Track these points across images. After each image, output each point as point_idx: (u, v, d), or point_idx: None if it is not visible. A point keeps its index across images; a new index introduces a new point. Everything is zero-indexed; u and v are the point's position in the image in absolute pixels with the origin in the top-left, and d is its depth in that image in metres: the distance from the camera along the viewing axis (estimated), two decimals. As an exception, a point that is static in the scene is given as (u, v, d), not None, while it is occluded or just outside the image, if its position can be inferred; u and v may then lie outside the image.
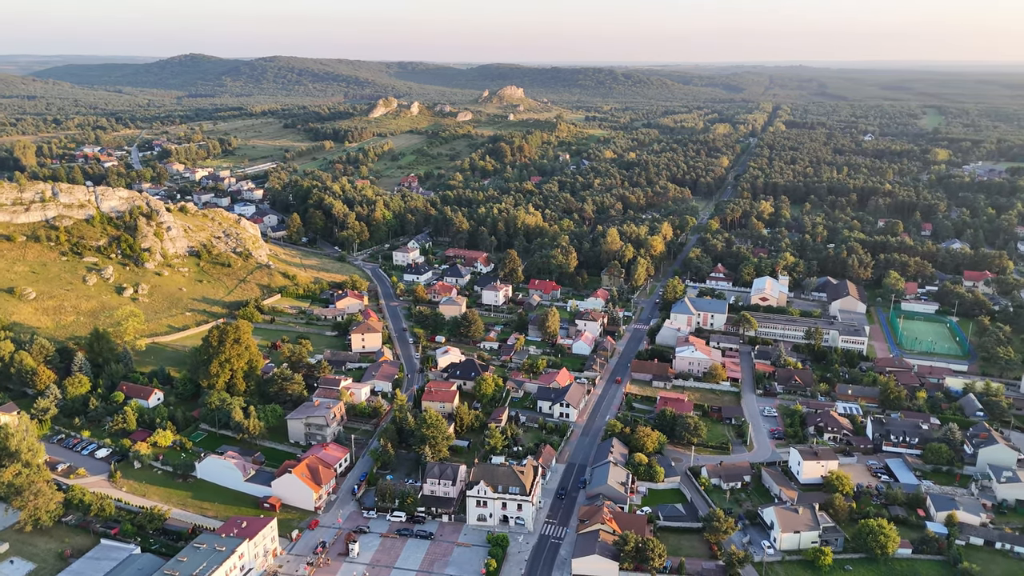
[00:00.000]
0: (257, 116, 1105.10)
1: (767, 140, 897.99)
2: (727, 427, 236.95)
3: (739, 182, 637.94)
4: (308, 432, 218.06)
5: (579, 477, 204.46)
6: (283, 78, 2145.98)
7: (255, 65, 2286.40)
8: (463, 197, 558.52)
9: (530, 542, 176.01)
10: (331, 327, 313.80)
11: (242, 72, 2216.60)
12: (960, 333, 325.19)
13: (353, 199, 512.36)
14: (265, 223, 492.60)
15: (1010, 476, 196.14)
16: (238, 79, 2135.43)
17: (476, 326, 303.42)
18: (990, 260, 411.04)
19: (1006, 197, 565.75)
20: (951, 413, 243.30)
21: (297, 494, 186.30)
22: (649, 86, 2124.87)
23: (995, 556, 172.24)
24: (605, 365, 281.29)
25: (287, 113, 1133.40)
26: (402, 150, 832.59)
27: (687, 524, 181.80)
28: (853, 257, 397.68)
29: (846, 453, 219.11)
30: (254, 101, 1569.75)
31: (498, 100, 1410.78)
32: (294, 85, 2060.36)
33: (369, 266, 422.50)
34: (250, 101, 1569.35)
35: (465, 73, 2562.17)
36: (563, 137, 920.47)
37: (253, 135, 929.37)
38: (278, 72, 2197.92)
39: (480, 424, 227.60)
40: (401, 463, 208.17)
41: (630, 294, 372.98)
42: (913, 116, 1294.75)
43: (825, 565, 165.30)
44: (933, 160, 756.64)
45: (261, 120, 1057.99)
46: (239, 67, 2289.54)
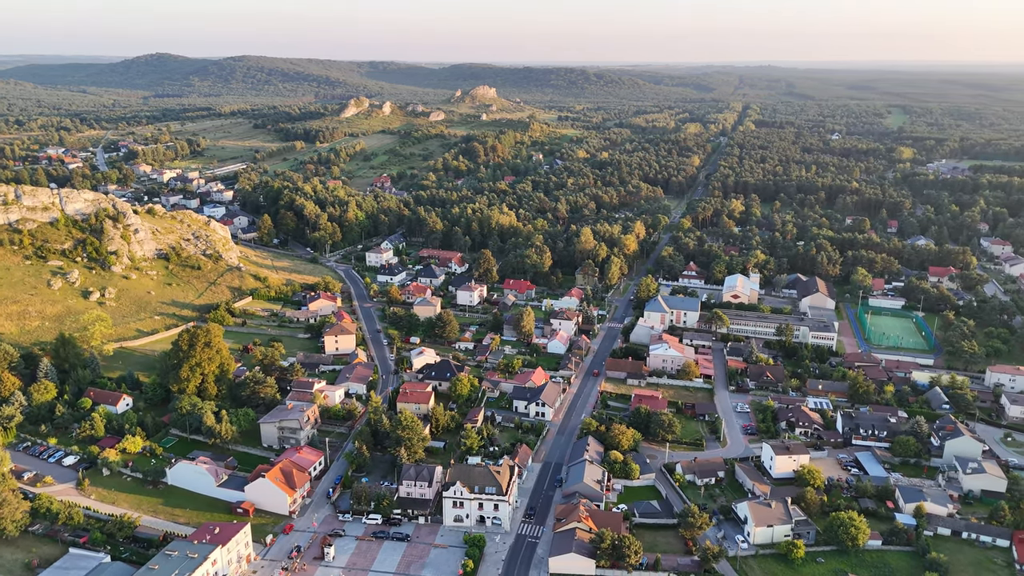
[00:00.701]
0: (226, 116, 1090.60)
1: (737, 139, 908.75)
2: (701, 423, 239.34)
3: (710, 181, 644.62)
4: (281, 436, 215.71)
5: (555, 476, 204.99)
6: (252, 78, 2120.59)
7: (223, 65, 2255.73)
8: (436, 197, 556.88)
9: (507, 542, 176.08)
10: (304, 329, 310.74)
11: (210, 72, 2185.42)
12: (926, 328, 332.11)
13: (325, 200, 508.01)
14: (235, 225, 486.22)
15: (975, 467, 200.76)
16: (206, 79, 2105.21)
17: (451, 327, 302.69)
18: (954, 256, 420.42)
19: (969, 194, 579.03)
20: (918, 406, 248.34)
21: (271, 498, 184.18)
22: (621, 86, 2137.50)
23: (962, 546, 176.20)
24: (580, 364, 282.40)
25: (257, 113, 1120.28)
26: (374, 150, 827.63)
27: (662, 520, 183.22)
28: (822, 254, 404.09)
29: (817, 447, 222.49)
30: (223, 101, 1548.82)
31: (471, 100, 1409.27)
32: (264, 85, 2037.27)
33: (342, 267, 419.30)
34: (219, 101, 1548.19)
35: (437, 73, 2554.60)
36: (536, 137, 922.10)
37: (222, 136, 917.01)
38: (247, 72, 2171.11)
39: (456, 425, 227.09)
40: (376, 465, 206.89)
41: (604, 293, 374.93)
42: (879, 115, 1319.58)
43: (798, 558, 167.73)
44: (898, 158, 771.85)
45: (230, 120, 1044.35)
46: (207, 67, 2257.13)
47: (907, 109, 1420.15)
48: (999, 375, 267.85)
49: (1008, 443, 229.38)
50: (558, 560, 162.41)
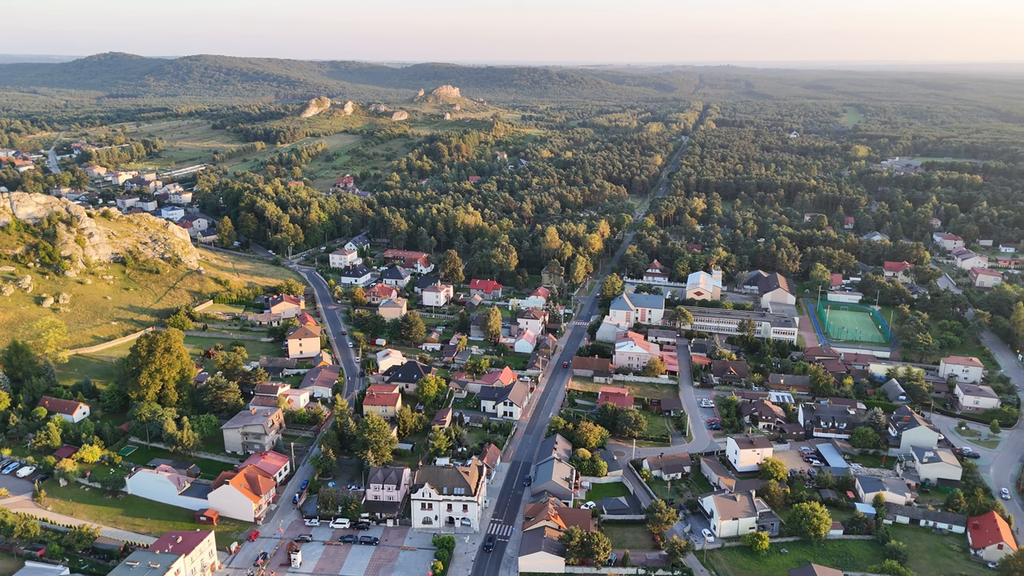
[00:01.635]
0: (184, 117, 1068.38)
1: (698, 138, 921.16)
2: (667, 419, 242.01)
3: (672, 180, 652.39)
4: (245, 441, 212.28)
5: (524, 475, 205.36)
6: (210, 77, 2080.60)
7: (180, 64, 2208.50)
8: (401, 198, 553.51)
9: (476, 542, 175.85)
10: (267, 333, 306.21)
11: (166, 71, 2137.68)
12: (882, 321, 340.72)
13: (287, 201, 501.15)
14: (195, 227, 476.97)
15: (932, 456, 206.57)
16: (162, 78, 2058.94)
17: (417, 328, 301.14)
18: (908, 251, 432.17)
19: (921, 191, 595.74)
20: (876, 398, 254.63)
21: (235, 505, 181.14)
22: (583, 86, 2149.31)
23: (920, 533, 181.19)
24: (547, 363, 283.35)
25: (215, 113, 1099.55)
26: (337, 150, 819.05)
27: (630, 516, 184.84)
28: (782, 251, 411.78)
29: (780, 440, 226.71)
30: (180, 101, 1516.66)
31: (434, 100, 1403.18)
32: (222, 85, 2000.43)
33: (305, 269, 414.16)
34: (175, 101, 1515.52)
35: (400, 72, 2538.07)
36: (500, 137, 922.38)
37: (180, 136, 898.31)
38: (205, 71, 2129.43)
39: (424, 426, 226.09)
40: (343, 469, 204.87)
41: (570, 292, 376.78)
42: (834, 114, 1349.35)
43: (762, 549, 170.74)
44: (854, 156, 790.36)
45: (188, 121, 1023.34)
46: (163, 66, 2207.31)
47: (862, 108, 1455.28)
48: (952, 366, 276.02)
49: (962, 432, 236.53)
50: (528, 559, 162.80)
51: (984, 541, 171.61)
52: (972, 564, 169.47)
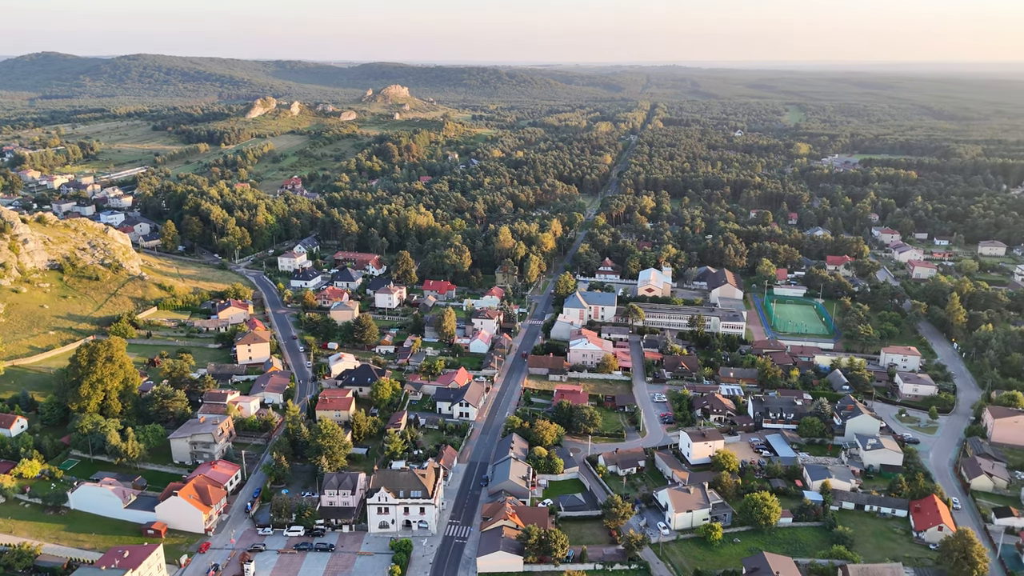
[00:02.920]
0: (122, 118, 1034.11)
1: (647, 137, 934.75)
2: (621, 415, 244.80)
3: (622, 178, 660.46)
4: (194, 451, 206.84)
5: (481, 475, 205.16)
6: (149, 77, 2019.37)
7: (117, 64, 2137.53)
8: (351, 198, 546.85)
9: (434, 544, 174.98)
10: (214, 339, 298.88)
11: (103, 71, 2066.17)
12: (826, 314, 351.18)
13: (233, 204, 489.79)
14: (136, 232, 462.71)
15: (874, 443, 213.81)
16: (98, 79, 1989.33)
17: (370, 330, 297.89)
18: (849, 245, 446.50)
19: (860, 187, 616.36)
20: (821, 389, 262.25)
21: (184, 517, 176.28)
22: (533, 85, 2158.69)
23: (864, 518, 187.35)
24: (503, 362, 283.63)
25: (156, 114, 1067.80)
26: (284, 151, 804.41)
27: (587, 512, 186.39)
28: (729, 247, 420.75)
29: (731, 432, 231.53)
30: (118, 102, 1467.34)
31: (383, 99, 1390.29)
32: (162, 85, 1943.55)
33: (253, 273, 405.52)
34: (113, 102, 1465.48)
35: (347, 72, 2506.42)
36: (451, 136, 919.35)
37: (118, 138, 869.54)
38: (143, 71, 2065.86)
39: (379, 430, 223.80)
40: (297, 476, 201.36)
41: (524, 291, 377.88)
42: (777, 113, 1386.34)
43: (716, 540, 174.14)
44: (796, 154, 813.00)
45: (127, 122, 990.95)
46: (99, 66, 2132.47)
47: (802, 107, 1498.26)
48: (892, 356, 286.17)
49: (902, 419, 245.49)
50: (486, 559, 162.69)
51: (925, 524, 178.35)
52: (914, 546, 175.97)
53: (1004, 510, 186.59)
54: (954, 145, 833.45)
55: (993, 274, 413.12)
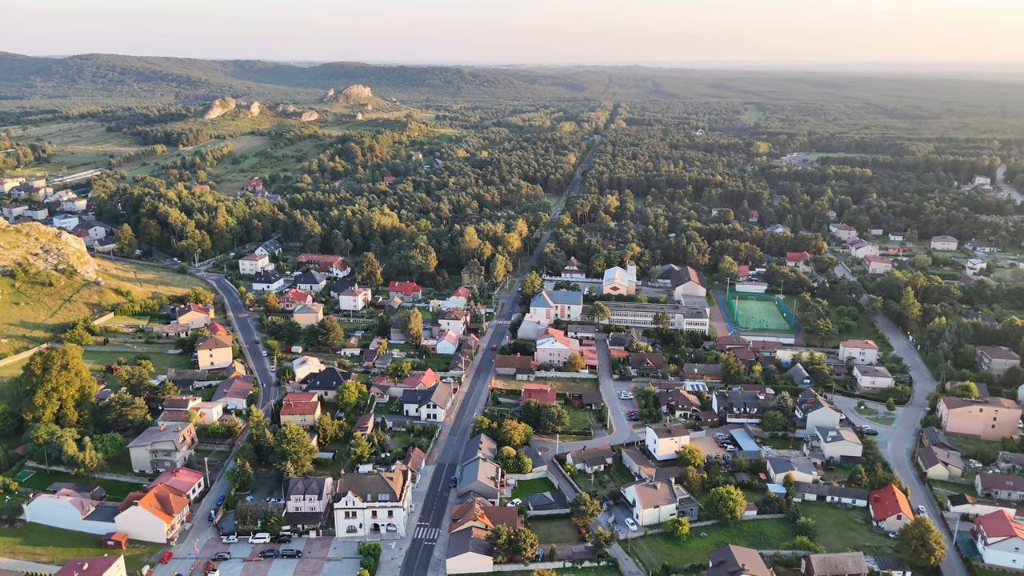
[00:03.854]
0: (75, 119, 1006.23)
1: (610, 137, 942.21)
2: (588, 413, 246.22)
3: (586, 178, 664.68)
4: (155, 459, 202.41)
5: (450, 476, 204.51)
6: (103, 77, 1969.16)
7: (69, 64, 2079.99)
8: (313, 200, 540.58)
9: (403, 547, 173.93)
10: (174, 344, 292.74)
11: (54, 71, 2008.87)
12: (786, 309, 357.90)
13: (192, 206, 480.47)
14: (91, 236, 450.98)
15: (835, 435, 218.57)
16: (50, 79, 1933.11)
17: (335, 333, 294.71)
18: (808, 242, 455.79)
19: (818, 184, 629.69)
20: (783, 383, 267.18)
21: (146, 527, 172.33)
22: (496, 85, 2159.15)
23: (826, 509, 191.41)
24: (470, 363, 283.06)
25: (110, 115, 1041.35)
26: (244, 152, 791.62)
27: (556, 511, 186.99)
28: (692, 245, 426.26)
29: (696, 428, 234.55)
30: (70, 103, 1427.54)
31: (345, 99, 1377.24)
32: (116, 85, 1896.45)
33: (214, 277, 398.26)
34: (65, 103, 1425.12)
35: (308, 72, 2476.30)
36: (415, 136, 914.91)
37: (71, 140, 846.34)
38: (97, 71, 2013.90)
39: (345, 434, 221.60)
40: (262, 482, 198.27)
41: (491, 291, 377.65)
42: (737, 112, 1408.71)
43: (683, 535, 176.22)
44: (756, 152, 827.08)
45: (80, 123, 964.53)
46: (50, 66, 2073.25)
47: (762, 106, 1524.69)
48: (851, 349, 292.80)
49: (861, 411, 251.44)
50: (455, 560, 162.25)
51: (884, 513, 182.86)
52: (874, 535, 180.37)
53: (959, 498, 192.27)
54: (907, 143, 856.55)
55: (945, 268, 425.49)
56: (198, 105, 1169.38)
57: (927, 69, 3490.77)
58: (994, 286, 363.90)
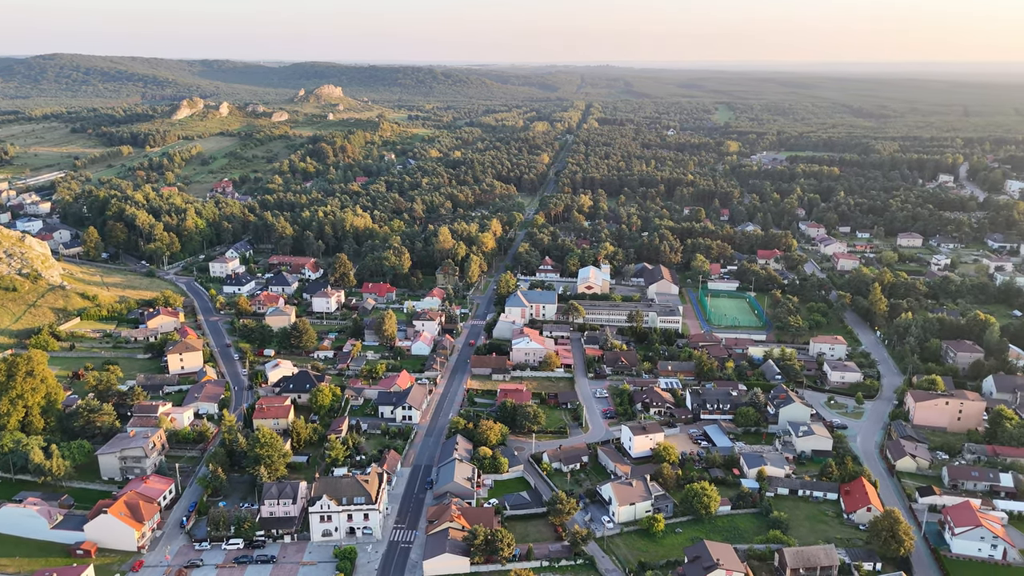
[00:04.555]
0: (38, 120, 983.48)
1: (583, 137, 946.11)
2: (564, 412, 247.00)
3: (560, 178, 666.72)
4: (124, 466, 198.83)
5: (426, 478, 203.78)
6: (67, 78, 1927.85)
7: (32, 64, 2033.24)
8: (285, 201, 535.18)
9: (379, 550, 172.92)
10: (143, 349, 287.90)
11: (16, 71, 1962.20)
12: (757, 306, 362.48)
13: (160, 208, 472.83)
14: (56, 239, 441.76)
15: (806, 430, 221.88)
16: (11, 79, 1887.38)
17: (308, 335, 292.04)
18: (778, 239, 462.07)
19: (787, 183, 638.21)
20: (755, 379, 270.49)
21: (116, 535, 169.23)
22: (469, 85, 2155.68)
23: (798, 502, 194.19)
24: (445, 364, 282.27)
25: (75, 116, 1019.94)
26: (213, 153, 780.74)
27: (533, 510, 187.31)
28: (664, 243, 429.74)
29: (670, 424, 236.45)
30: (33, 104, 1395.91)
31: (315, 99, 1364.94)
32: (81, 85, 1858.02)
33: (183, 280, 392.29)
34: (28, 104, 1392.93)
35: (277, 71, 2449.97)
36: (387, 136, 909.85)
37: (34, 141, 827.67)
38: (60, 71, 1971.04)
39: (319, 437, 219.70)
40: (235, 487, 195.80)
41: (465, 291, 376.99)
42: (707, 112, 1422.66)
43: (658, 531, 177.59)
44: (726, 152, 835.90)
45: (43, 125, 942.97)
46: (12, 66, 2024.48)
47: (731, 106, 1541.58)
48: (820, 345, 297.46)
49: (831, 406, 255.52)
50: (432, 562, 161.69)
51: (855, 505, 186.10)
52: (845, 527, 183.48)
53: (927, 489, 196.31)
54: (873, 142, 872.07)
55: (911, 264, 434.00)
56: (165, 105, 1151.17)
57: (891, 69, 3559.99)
58: (958, 281, 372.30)
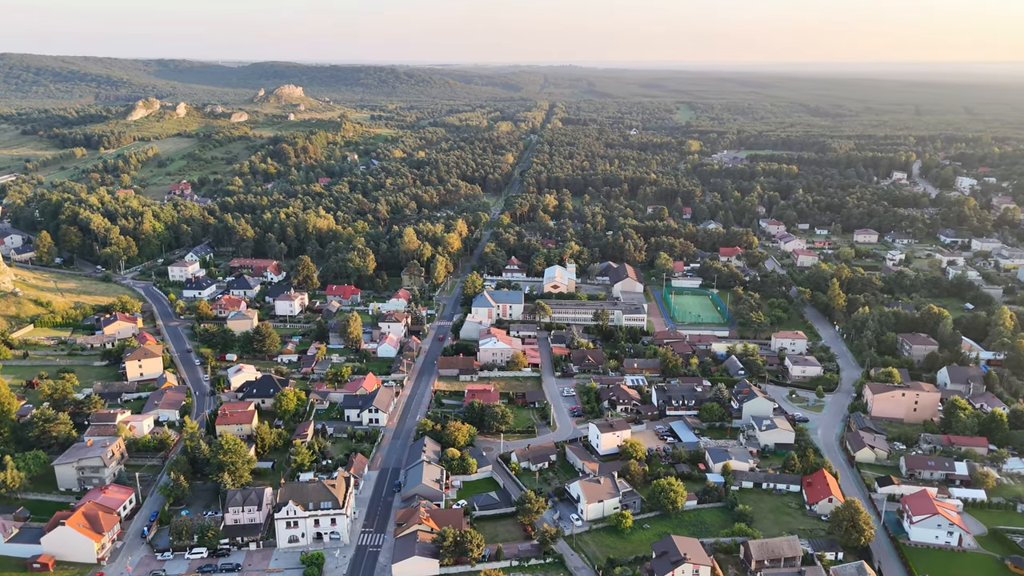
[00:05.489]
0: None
1: (547, 137, 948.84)
2: (532, 411, 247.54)
3: (525, 178, 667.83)
4: (82, 476, 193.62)
5: (394, 481, 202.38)
6: (16, 78, 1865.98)
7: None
8: (245, 203, 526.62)
9: (347, 555, 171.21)
10: (100, 356, 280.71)
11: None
12: (720, 303, 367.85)
13: (116, 212, 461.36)
14: (7, 244, 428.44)
15: (769, 424, 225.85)
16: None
17: (271, 339, 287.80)
18: (739, 237, 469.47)
19: (747, 181, 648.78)
20: (719, 375, 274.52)
21: (74, 547, 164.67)
22: (432, 85, 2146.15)
23: (762, 496, 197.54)
24: (412, 365, 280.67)
25: (25, 118, 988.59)
26: (170, 155, 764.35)
27: (502, 510, 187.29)
28: (629, 242, 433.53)
29: (637, 421, 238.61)
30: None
31: (276, 99, 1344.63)
32: (31, 86, 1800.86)
33: (141, 284, 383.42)
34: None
35: (236, 71, 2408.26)
36: (349, 137, 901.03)
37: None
38: (9, 71, 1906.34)
39: (284, 442, 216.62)
40: (198, 495, 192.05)
41: (432, 292, 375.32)
42: (669, 111, 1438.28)
43: (626, 527, 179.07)
44: (688, 151, 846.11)
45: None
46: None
47: (692, 106, 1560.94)
48: (782, 340, 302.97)
49: (793, 399, 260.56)
50: (401, 565, 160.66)
51: (817, 497, 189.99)
52: (808, 518, 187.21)
53: (885, 479, 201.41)
54: (829, 140, 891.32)
55: (868, 260, 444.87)
56: (120, 106, 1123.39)
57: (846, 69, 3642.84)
58: (912, 276, 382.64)
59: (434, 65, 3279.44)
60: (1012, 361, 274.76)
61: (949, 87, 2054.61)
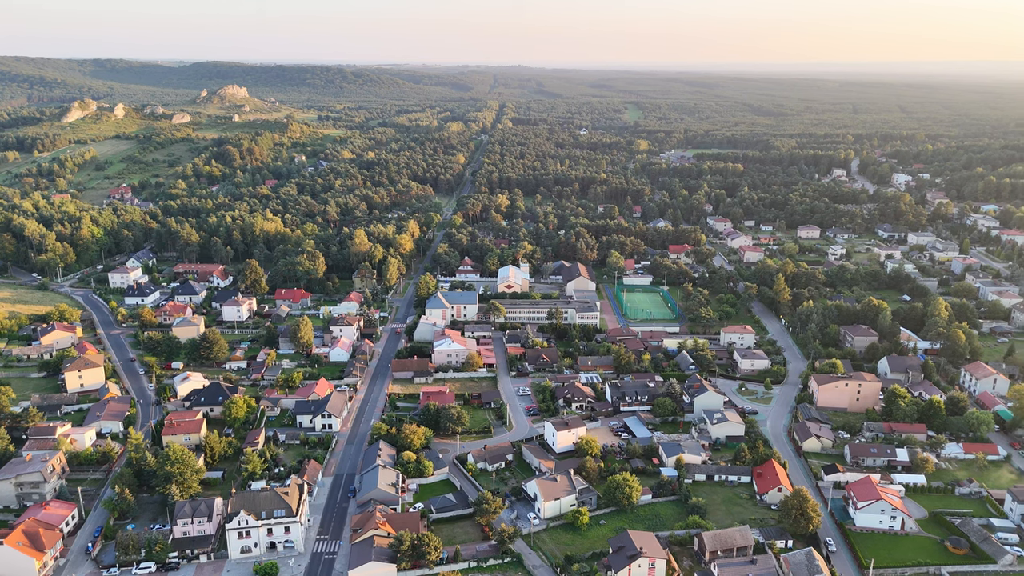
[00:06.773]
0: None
1: (497, 137, 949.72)
2: (488, 411, 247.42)
3: (476, 178, 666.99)
4: (21, 492, 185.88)
5: (348, 486, 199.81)
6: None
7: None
8: (189, 206, 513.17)
9: (302, 563, 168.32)
10: (38, 367, 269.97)
11: None
12: (671, 300, 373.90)
13: (51, 217, 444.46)
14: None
15: (720, 417, 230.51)
16: None
17: (218, 346, 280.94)
18: (688, 235, 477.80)
19: (695, 179, 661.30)
20: (670, 370, 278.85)
21: (14, 566, 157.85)
22: (380, 85, 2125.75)
23: (715, 487, 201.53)
24: (366, 369, 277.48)
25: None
26: (108, 158, 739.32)
27: (459, 512, 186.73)
28: (581, 241, 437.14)
29: (592, 418, 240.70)
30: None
31: (219, 100, 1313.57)
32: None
33: (79, 292, 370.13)
34: None
35: (177, 72, 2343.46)
36: (296, 138, 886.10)
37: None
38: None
39: (235, 451, 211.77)
40: (144, 508, 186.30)
41: (384, 294, 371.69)
42: (617, 111, 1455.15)
43: (583, 524, 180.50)
44: (637, 150, 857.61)
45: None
46: None
47: (640, 105, 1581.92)
48: (731, 335, 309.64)
49: (742, 392, 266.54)
50: (358, 572, 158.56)
51: (767, 487, 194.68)
52: (759, 508, 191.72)
53: (831, 467, 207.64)
54: (773, 139, 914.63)
55: (811, 255, 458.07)
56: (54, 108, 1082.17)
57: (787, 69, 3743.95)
58: (853, 270, 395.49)
59: (382, 65, 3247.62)
60: (948, 350, 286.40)
61: (884, 87, 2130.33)
